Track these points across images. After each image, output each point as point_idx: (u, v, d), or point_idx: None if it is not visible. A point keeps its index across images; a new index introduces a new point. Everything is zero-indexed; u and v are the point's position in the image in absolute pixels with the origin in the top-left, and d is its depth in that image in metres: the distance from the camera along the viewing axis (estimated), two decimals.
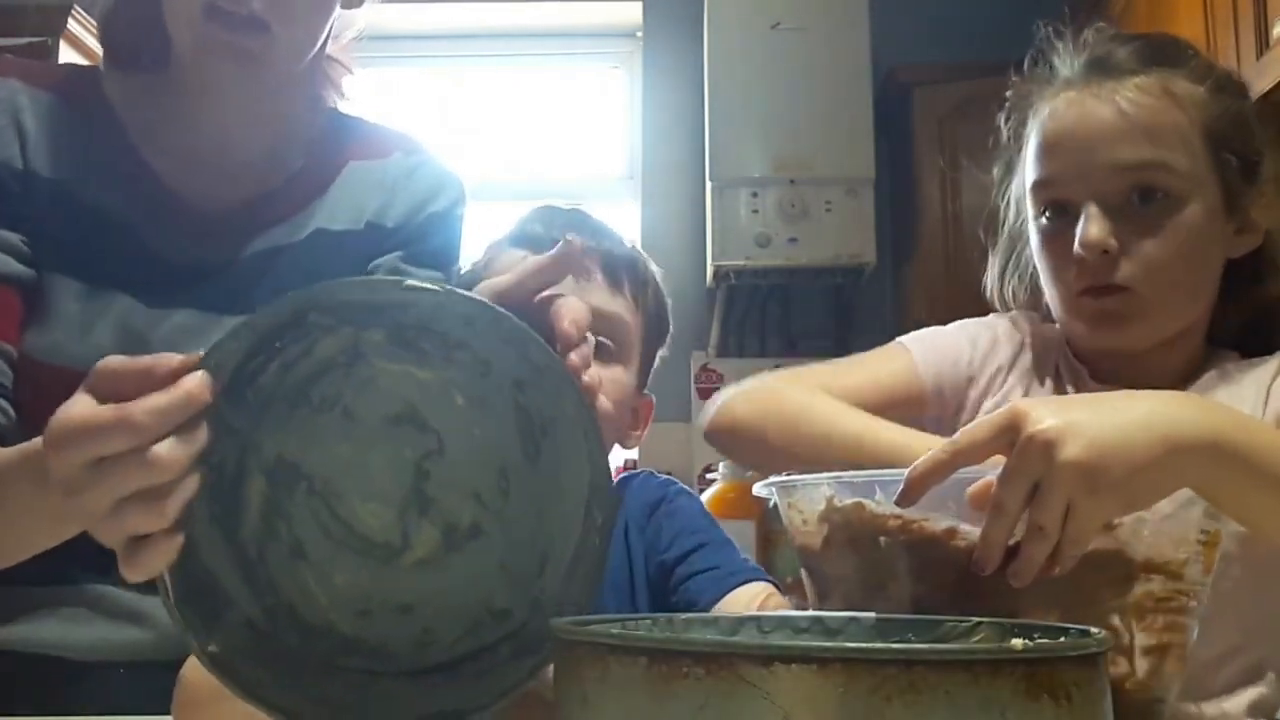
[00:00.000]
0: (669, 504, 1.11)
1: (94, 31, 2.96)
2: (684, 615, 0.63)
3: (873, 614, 0.64)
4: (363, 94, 1.15)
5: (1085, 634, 0.51)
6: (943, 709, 0.41)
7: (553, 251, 0.68)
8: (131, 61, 1.05)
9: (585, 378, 0.62)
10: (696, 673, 0.42)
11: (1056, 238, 1.03)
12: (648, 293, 1.11)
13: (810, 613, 0.70)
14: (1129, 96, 1.00)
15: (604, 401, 1.00)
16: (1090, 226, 0.99)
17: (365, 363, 0.62)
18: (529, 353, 0.59)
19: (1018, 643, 0.45)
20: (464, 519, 0.63)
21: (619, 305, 1.07)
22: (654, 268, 1.14)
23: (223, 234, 1.01)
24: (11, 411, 0.93)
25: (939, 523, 0.71)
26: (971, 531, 0.70)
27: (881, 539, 0.73)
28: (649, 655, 0.44)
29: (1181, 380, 1.02)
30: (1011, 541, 0.67)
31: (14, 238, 0.94)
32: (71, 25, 2.90)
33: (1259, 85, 2.01)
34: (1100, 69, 1.02)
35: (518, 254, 1.04)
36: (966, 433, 0.70)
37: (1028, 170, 1.06)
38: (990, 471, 0.69)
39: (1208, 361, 1.06)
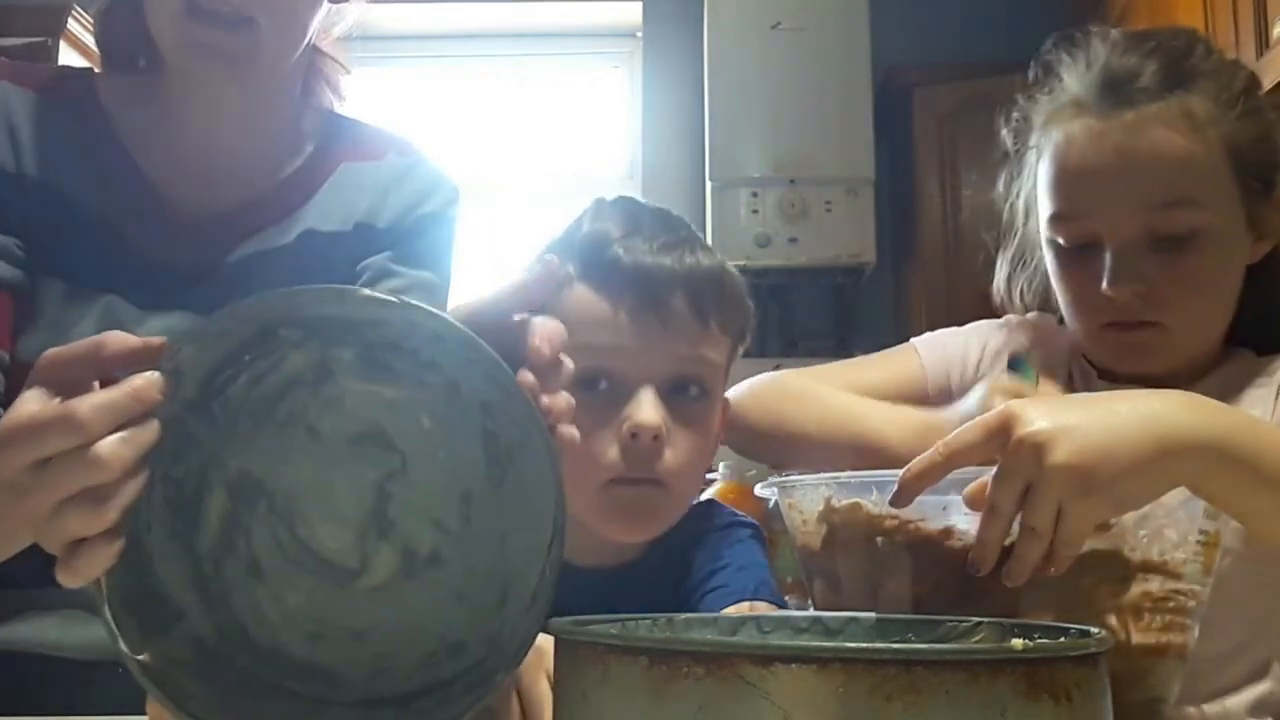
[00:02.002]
0: (712, 535, 1.04)
1: (94, 32, 2.96)
2: (684, 615, 0.62)
3: (873, 614, 0.64)
4: (361, 94, 1.15)
5: (1085, 634, 0.51)
6: (943, 709, 0.41)
7: (535, 272, 0.64)
8: (127, 64, 1.04)
9: (545, 399, 0.59)
10: (696, 672, 0.42)
11: (1078, 270, 1.01)
12: (734, 308, 0.96)
13: (810, 613, 0.70)
14: (1152, 132, 0.95)
15: (679, 460, 0.88)
16: (1117, 271, 0.96)
17: (333, 381, 0.60)
18: (497, 377, 0.58)
19: (1018, 643, 0.45)
20: (424, 545, 0.62)
21: (707, 344, 0.92)
22: (732, 270, 0.97)
23: (213, 237, 1.01)
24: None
25: (935, 523, 0.72)
26: (967, 532, 0.70)
27: (879, 539, 0.73)
28: (649, 655, 0.44)
29: (1193, 378, 1.01)
30: (1007, 542, 0.68)
31: (6, 241, 0.94)
32: (71, 25, 2.90)
33: None
34: (1116, 94, 0.97)
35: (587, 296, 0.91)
36: (959, 434, 0.70)
37: (1042, 197, 1.03)
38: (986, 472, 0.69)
39: (1223, 360, 1.04)
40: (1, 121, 0.96)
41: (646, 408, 0.87)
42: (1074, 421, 0.67)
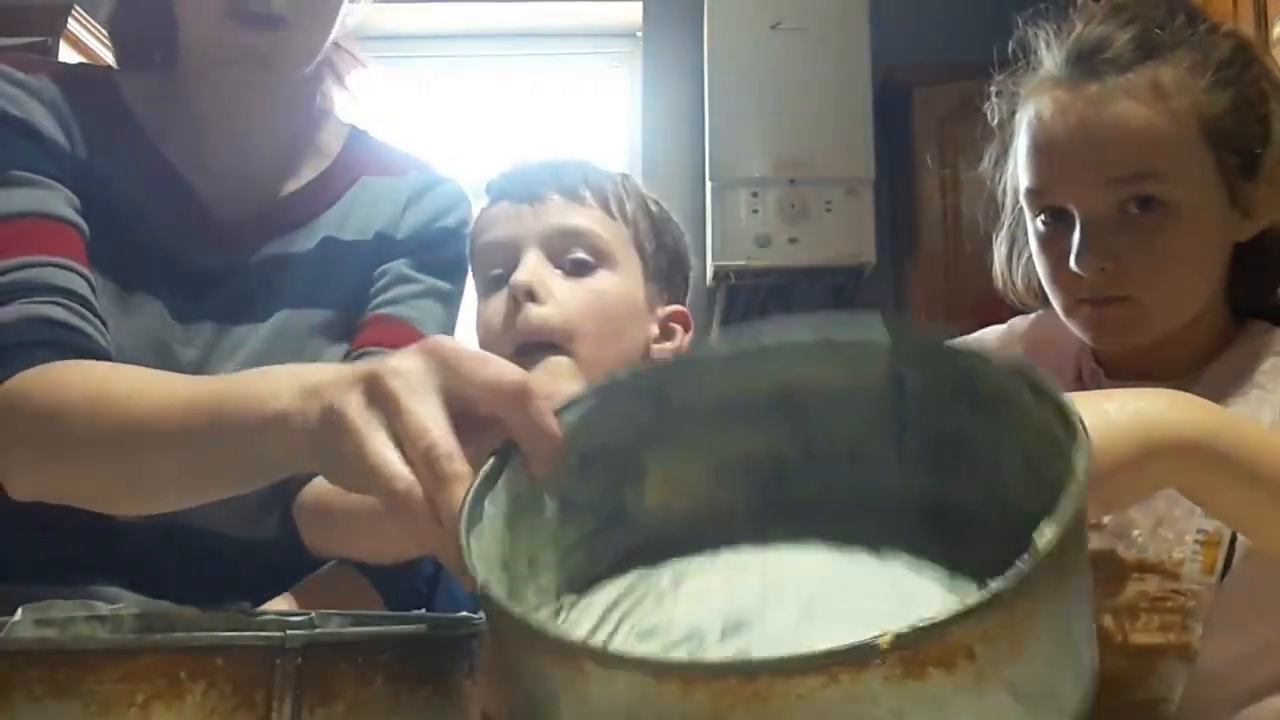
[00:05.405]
0: None
1: (94, 31, 2.96)
2: None
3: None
4: (360, 94, 1.15)
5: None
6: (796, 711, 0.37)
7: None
8: (143, 62, 1.04)
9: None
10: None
11: (1053, 243, 1.00)
12: (622, 199, 1.09)
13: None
14: (1115, 104, 0.94)
15: (562, 311, 0.98)
16: (1084, 246, 0.95)
17: None
18: None
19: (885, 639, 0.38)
20: None
21: (583, 217, 1.04)
22: (639, 185, 1.15)
23: (239, 239, 1.01)
24: (108, 334, 0.91)
25: None
26: None
27: None
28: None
29: (1205, 360, 0.99)
30: None
31: (72, 196, 0.93)
32: (71, 25, 2.90)
33: None
34: (1084, 66, 0.97)
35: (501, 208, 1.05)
36: None
37: (1020, 172, 1.03)
38: None
39: (1236, 335, 1.01)
40: (51, 107, 0.96)
41: (521, 270, 1.00)
42: None
